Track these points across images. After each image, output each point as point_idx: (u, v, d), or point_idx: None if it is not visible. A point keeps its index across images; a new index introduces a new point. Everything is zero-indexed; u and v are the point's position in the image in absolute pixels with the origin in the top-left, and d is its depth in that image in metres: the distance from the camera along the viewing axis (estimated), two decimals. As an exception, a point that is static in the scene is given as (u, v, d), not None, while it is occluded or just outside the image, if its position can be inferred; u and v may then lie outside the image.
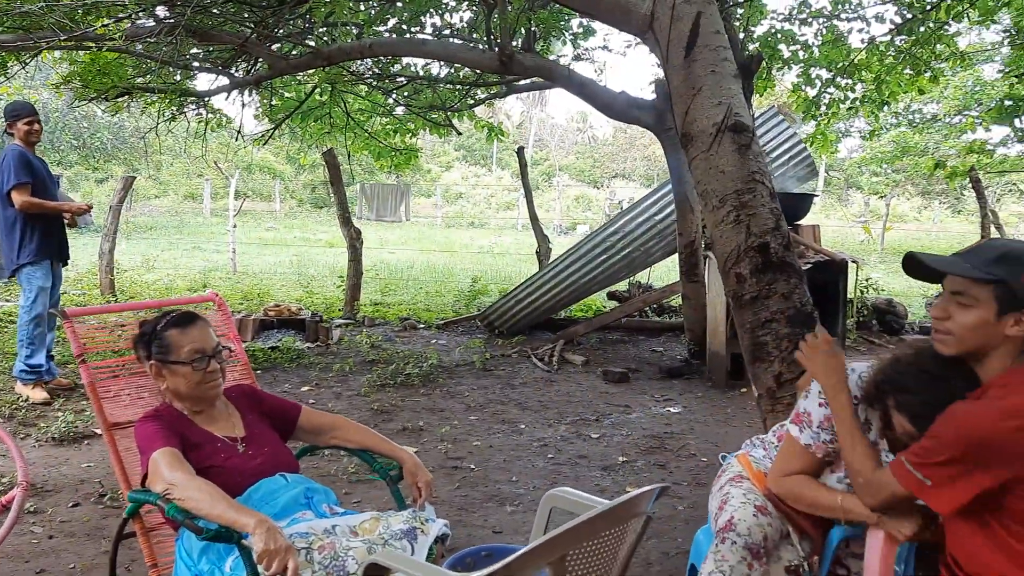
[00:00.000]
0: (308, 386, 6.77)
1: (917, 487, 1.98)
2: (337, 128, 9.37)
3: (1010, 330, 1.96)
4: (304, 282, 11.89)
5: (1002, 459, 1.87)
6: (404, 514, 2.54)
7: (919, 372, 2.10)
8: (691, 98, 3.48)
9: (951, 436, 1.92)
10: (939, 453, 1.93)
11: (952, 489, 1.93)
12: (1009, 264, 1.96)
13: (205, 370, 2.64)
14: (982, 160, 13.76)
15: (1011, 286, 1.94)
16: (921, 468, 1.96)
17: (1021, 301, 1.94)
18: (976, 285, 1.98)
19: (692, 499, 4.36)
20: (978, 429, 1.88)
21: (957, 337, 2.02)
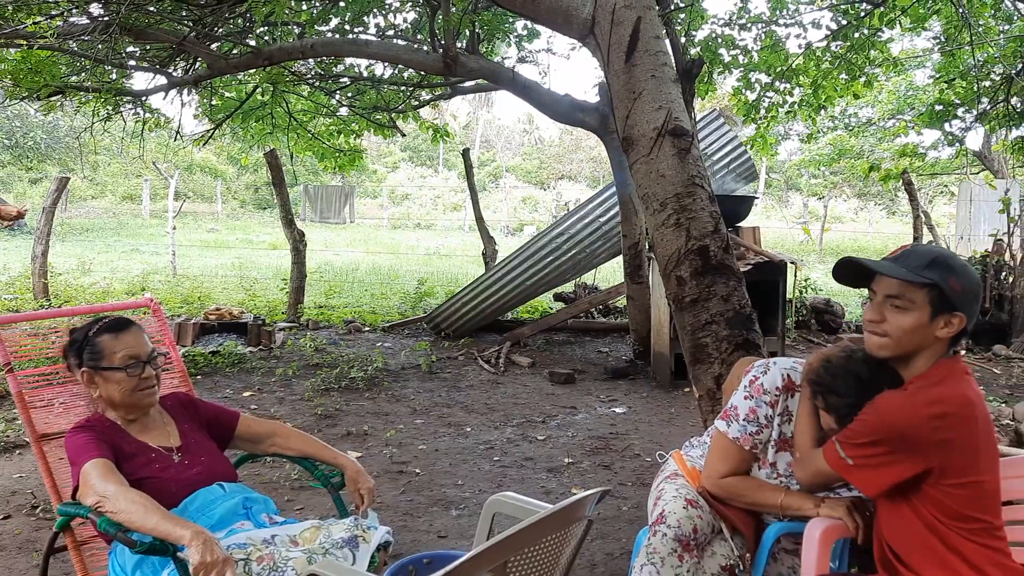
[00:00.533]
0: (250, 391, 6.66)
1: (840, 465, 2.08)
2: (279, 128, 9.23)
3: (940, 331, 2.06)
4: (246, 285, 11.71)
5: (921, 448, 1.96)
6: (346, 522, 2.51)
7: (848, 376, 2.17)
8: (632, 103, 3.51)
9: (874, 422, 2.01)
10: (862, 436, 2.03)
11: (874, 472, 2.03)
12: (940, 269, 2.04)
13: (139, 376, 2.58)
14: (914, 163, 14.16)
15: (943, 290, 2.02)
16: (845, 447, 2.06)
17: (951, 303, 2.03)
18: (912, 289, 2.05)
19: (636, 499, 4.40)
20: (899, 417, 1.98)
21: (894, 340, 2.08)
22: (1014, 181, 16.00)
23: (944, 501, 2.00)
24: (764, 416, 2.40)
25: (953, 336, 2.07)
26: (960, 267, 2.06)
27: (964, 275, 2.05)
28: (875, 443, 2.01)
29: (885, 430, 1.99)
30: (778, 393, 2.39)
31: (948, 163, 17.04)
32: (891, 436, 1.98)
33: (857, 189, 31.12)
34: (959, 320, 2.04)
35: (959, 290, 2.03)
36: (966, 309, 2.05)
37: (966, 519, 2.00)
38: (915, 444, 1.97)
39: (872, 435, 2.01)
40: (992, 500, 2.04)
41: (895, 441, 1.98)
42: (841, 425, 2.15)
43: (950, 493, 1.99)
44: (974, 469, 2.00)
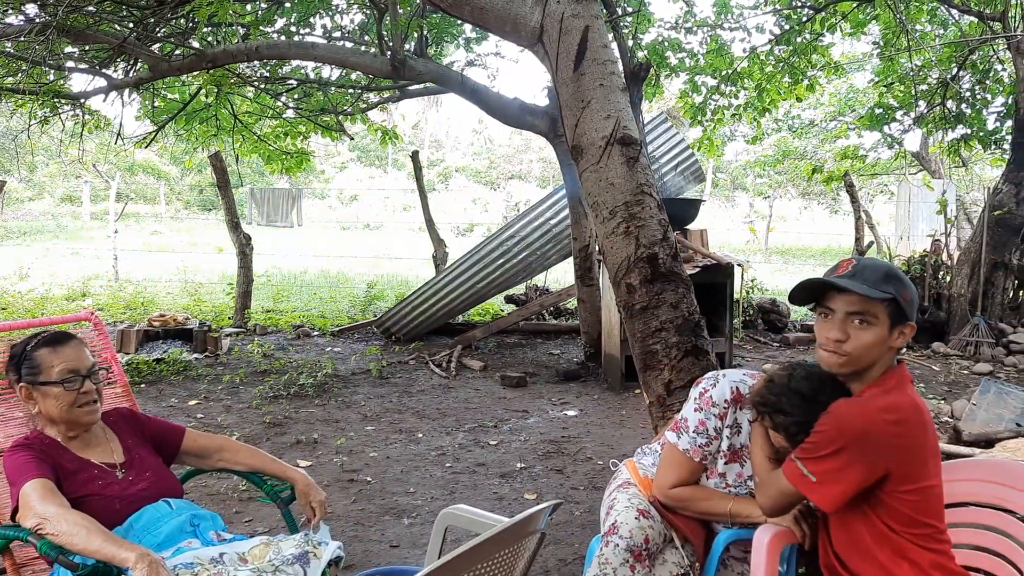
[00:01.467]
0: (196, 399, 6.54)
1: (803, 483, 2.06)
2: (224, 130, 9.09)
3: (895, 342, 2.12)
4: (191, 290, 11.50)
5: (879, 454, 1.99)
6: (296, 538, 2.48)
7: (792, 394, 2.20)
8: (580, 112, 3.52)
9: (833, 432, 2.02)
10: (823, 447, 2.03)
11: (836, 487, 2.02)
12: (894, 282, 2.11)
13: (78, 391, 2.51)
14: (856, 164, 14.50)
15: (899, 302, 2.09)
16: (807, 463, 2.05)
17: (905, 315, 2.10)
18: (875, 304, 2.09)
19: (589, 504, 4.42)
20: (857, 423, 2.00)
21: (855, 357, 2.11)
22: (950, 182, 16.48)
23: (897, 507, 2.03)
24: (713, 428, 2.43)
25: (901, 347, 2.15)
26: (906, 279, 2.16)
27: (909, 286, 2.15)
28: (836, 453, 2.01)
29: (845, 439, 2.00)
30: (727, 405, 2.42)
31: (887, 164, 17.48)
32: (851, 444, 2.00)
33: (801, 189, 31.72)
34: (910, 329, 2.11)
35: (909, 300, 2.11)
36: (914, 318, 2.14)
37: (917, 524, 2.04)
38: (874, 451, 1.99)
39: (832, 445, 2.02)
40: (938, 504, 2.09)
41: (855, 449, 1.99)
42: (792, 443, 2.18)
43: (903, 499, 2.03)
44: (925, 474, 2.04)
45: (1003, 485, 2.28)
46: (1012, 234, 8.30)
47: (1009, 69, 9.51)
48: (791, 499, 2.16)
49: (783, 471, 2.12)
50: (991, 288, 8.44)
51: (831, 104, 17.47)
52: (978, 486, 2.35)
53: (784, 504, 2.19)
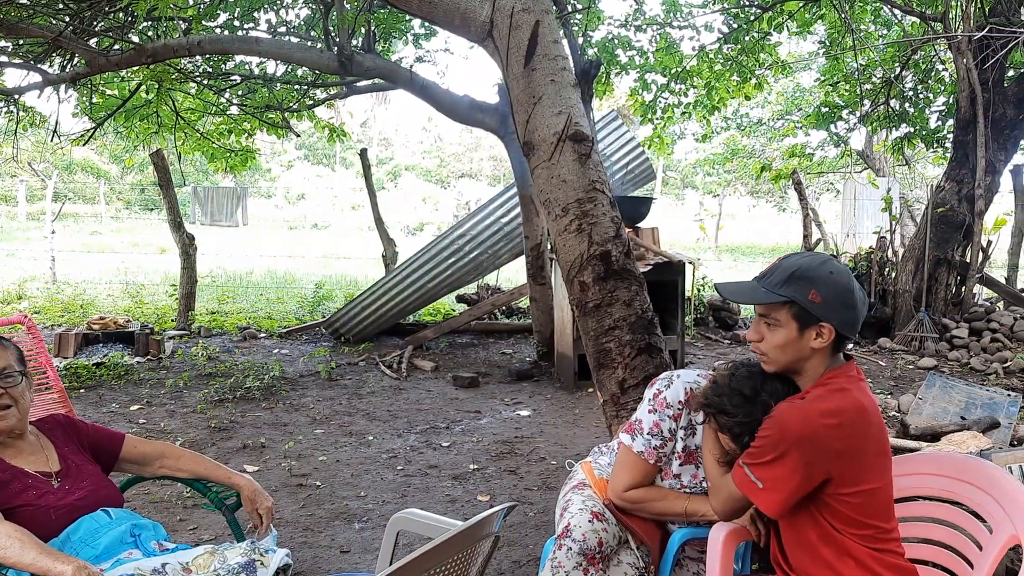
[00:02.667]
0: (138, 404, 6.35)
1: (750, 489, 2.05)
2: (166, 127, 8.85)
3: (815, 343, 2.08)
4: (133, 292, 11.20)
5: (819, 458, 1.98)
6: (242, 546, 2.39)
7: (733, 394, 2.18)
8: (532, 107, 3.48)
9: (776, 435, 2.00)
10: (767, 452, 2.01)
11: (779, 492, 2.01)
12: (798, 283, 2.06)
13: None
14: (803, 163, 14.74)
15: (802, 304, 2.05)
16: (754, 469, 2.04)
17: (815, 316, 2.05)
18: (775, 307, 2.09)
19: (543, 504, 4.38)
20: (798, 428, 1.98)
21: (772, 358, 2.13)
22: (894, 180, 16.85)
23: (839, 509, 2.03)
24: (668, 430, 2.40)
25: (833, 343, 2.09)
26: (823, 277, 2.06)
27: (827, 284, 2.06)
28: (780, 458, 1.99)
29: (787, 443, 1.98)
30: (681, 407, 2.40)
31: (834, 162, 17.81)
32: (793, 449, 1.98)
33: (750, 187, 32.20)
34: (828, 330, 2.06)
35: (820, 301, 2.05)
36: (833, 317, 2.05)
37: (859, 525, 2.04)
38: (814, 455, 1.98)
39: (776, 450, 2.00)
40: (884, 505, 2.08)
41: (796, 454, 1.97)
42: (738, 444, 2.16)
43: (845, 501, 2.02)
44: (867, 477, 2.03)
45: (952, 478, 2.30)
46: (954, 230, 8.48)
47: (950, 69, 9.74)
48: (741, 504, 2.15)
49: (732, 476, 2.11)
50: (935, 284, 8.62)
51: (778, 103, 17.76)
52: (928, 480, 2.36)
53: (735, 508, 2.18)
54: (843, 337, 2.09)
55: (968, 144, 8.27)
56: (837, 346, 2.11)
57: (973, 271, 8.68)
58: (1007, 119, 8.20)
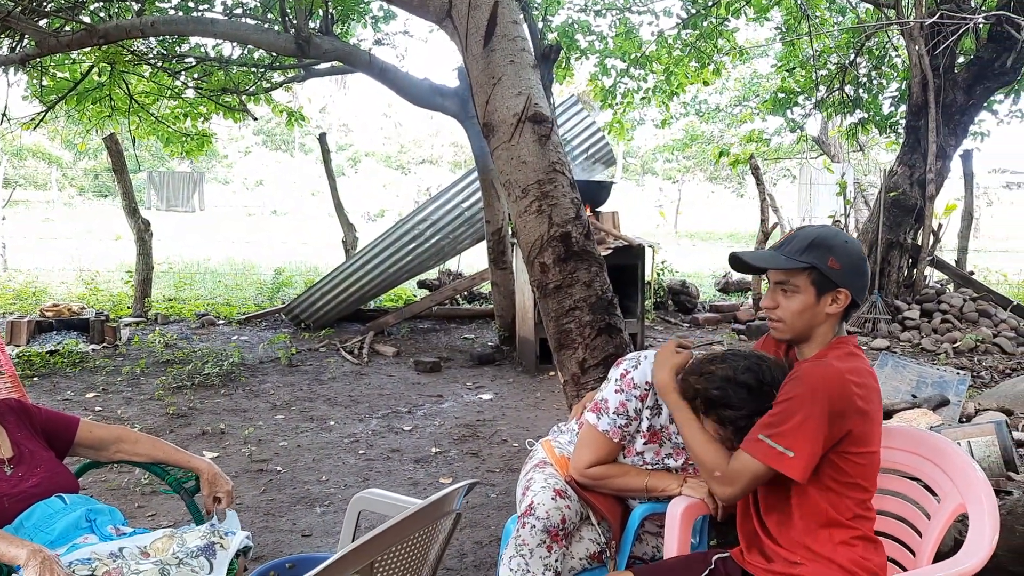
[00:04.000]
0: (94, 392, 6.25)
1: (778, 461, 1.99)
2: (119, 111, 8.67)
3: (829, 308, 2.13)
4: (87, 279, 10.97)
5: (845, 414, 1.99)
6: (201, 529, 2.38)
7: (739, 388, 2.17)
8: (491, 88, 3.47)
9: (805, 393, 1.99)
10: (793, 414, 1.98)
11: (809, 453, 1.97)
12: (817, 250, 2.12)
13: None
14: (760, 148, 14.90)
15: (822, 270, 2.11)
16: (780, 439, 1.99)
17: (833, 282, 2.11)
18: (794, 274, 2.14)
19: (504, 486, 4.40)
20: (830, 382, 1.99)
21: (788, 324, 2.16)
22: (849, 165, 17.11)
23: (845, 468, 2.03)
24: (634, 409, 2.42)
25: (843, 312, 2.15)
26: (840, 245, 2.14)
27: (844, 252, 2.13)
28: (808, 417, 1.97)
29: (817, 400, 1.97)
30: (648, 387, 2.41)
31: (790, 149, 18.04)
32: (822, 405, 1.97)
33: (708, 173, 32.47)
34: (844, 295, 2.12)
35: (839, 268, 2.11)
36: (850, 283, 2.12)
37: (858, 488, 2.05)
38: (841, 411, 1.98)
39: (802, 409, 1.97)
40: (875, 472, 2.11)
41: (823, 411, 1.97)
42: (740, 437, 2.14)
43: (852, 461, 2.03)
44: (874, 440, 2.07)
45: (903, 451, 2.35)
46: (906, 214, 8.64)
47: (903, 55, 9.90)
48: (762, 481, 2.07)
49: (750, 454, 2.04)
50: (887, 267, 8.79)
51: (736, 89, 17.92)
52: (893, 453, 2.40)
53: (753, 487, 2.10)
54: (853, 304, 2.15)
55: (920, 129, 8.43)
56: (846, 314, 2.16)
57: (924, 254, 8.86)
58: (957, 105, 8.36)
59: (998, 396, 5.69)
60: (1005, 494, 3.82)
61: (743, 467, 2.06)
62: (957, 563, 1.93)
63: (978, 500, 2.03)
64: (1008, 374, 6.78)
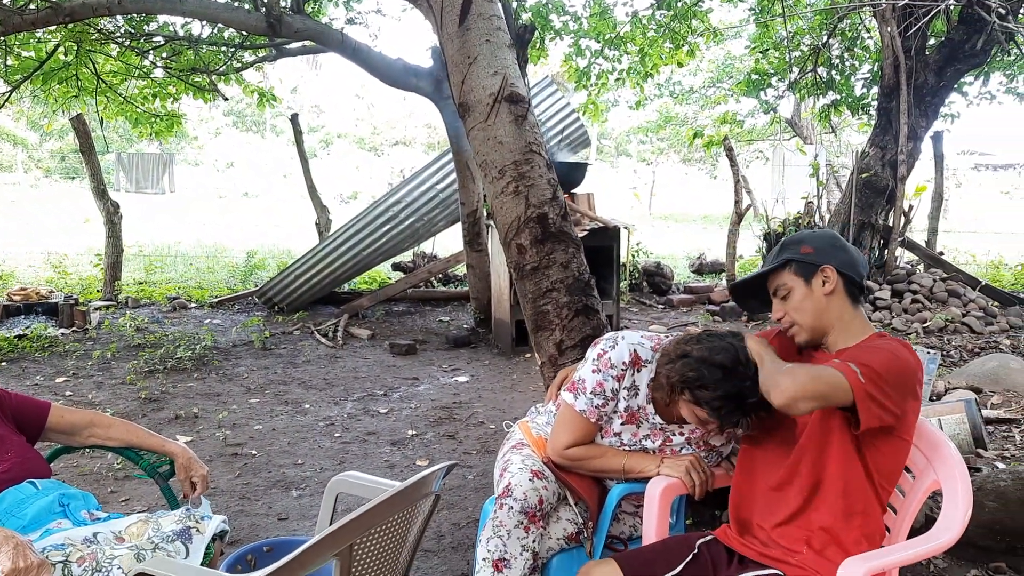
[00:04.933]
0: (64, 376, 6.16)
1: (856, 383, 1.90)
2: (86, 91, 8.50)
3: (824, 289, 2.15)
4: (55, 262, 10.81)
5: (908, 393, 1.99)
6: (177, 513, 2.35)
7: (712, 368, 2.18)
8: (467, 67, 3.44)
9: (888, 359, 1.97)
10: (878, 367, 1.94)
11: (877, 399, 1.92)
12: (788, 247, 2.22)
13: None
14: (733, 130, 14.95)
15: (797, 259, 2.17)
16: (861, 368, 1.93)
17: (813, 264, 2.16)
18: (778, 276, 2.21)
19: (481, 467, 4.41)
20: (904, 359, 2.00)
21: (799, 322, 2.18)
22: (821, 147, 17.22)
23: (886, 452, 2.02)
24: (611, 390, 2.42)
25: (845, 287, 2.15)
26: (808, 235, 2.23)
27: (813, 238, 2.21)
28: (884, 378, 1.94)
29: (898, 368, 1.97)
30: (625, 367, 2.41)
31: (763, 130, 18.13)
32: (900, 375, 1.97)
33: (682, 155, 32.57)
34: (830, 270, 2.14)
35: (812, 251, 2.17)
36: (829, 258, 2.15)
37: (894, 476, 2.06)
38: (907, 388, 1.99)
39: (885, 369, 1.95)
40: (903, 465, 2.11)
41: (899, 381, 1.97)
42: (716, 417, 2.17)
43: (897, 444, 2.02)
44: (914, 427, 2.07)
45: None
46: (878, 195, 8.72)
47: (875, 37, 9.95)
48: (826, 398, 1.91)
49: (838, 366, 1.94)
50: (859, 247, 8.87)
51: (710, 71, 17.95)
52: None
53: (817, 394, 1.90)
54: (851, 281, 2.15)
55: (891, 111, 8.49)
56: (851, 292, 2.16)
57: (895, 235, 8.95)
58: (928, 86, 8.42)
59: (967, 375, 5.79)
60: (975, 471, 3.89)
61: (823, 370, 1.94)
62: (932, 538, 1.95)
63: (952, 476, 2.05)
64: (977, 353, 6.89)
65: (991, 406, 5.20)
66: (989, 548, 3.24)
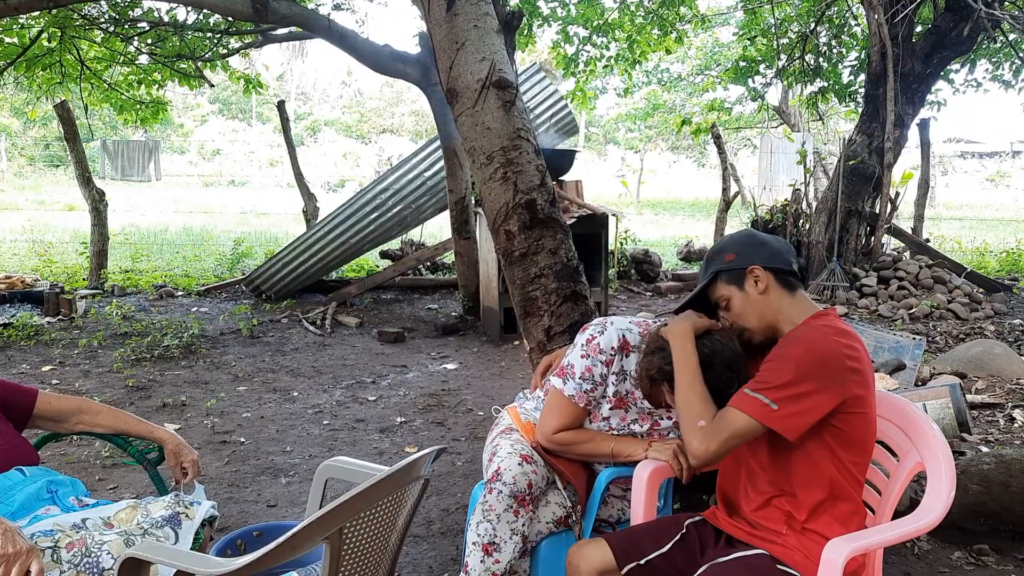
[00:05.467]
0: (50, 365, 6.13)
1: (764, 414, 1.97)
2: (70, 78, 8.43)
3: (758, 288, 2.16)
4: (40, 250, 10.73)
5: (838, 378, 1.98)
6: (166, 499, 2.35)
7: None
8: (455, 53, 3.43)
9: (798, 355, 1.99)
10: (783, 374, 1.98)
11: (799, 412, 1.96)
12: (712, 260, 2.26)
13: None
14: (721, 117, 14.96)
15: (723, 269, 2.21)
16: (769, 393, 1.98)
17: (739, 268, 2.18)
18: (714, 290, 2.24)
19: (470, 454, 4.42)
20: (819, 347, 2.00)
21: (748, 326, 2.20)
22: (809, 134, 17.26)
23: (846, 430, 2.02)
24: (599, 375, 2.43)
25: (777, 279, 2.16)
26: (727, 242, 2.27)
27: (733, 243, 2.24)
28: (799, 379, 1.96)
29: (808, 362, 1.98)
30: (614, 352, 2.42)
31: (751, 118, 18.14)
32: (814, 368, 1.97)
33: (670, 143, 32.57)
34: (758, 270, 2.16)
35: (735, 256, 2.20)
36: (752, 259, 2.17)
37: (861, 450, 2.05)
38: (834, 374, 1.98)
39: (796, 371, 1.97)
40: (873, 436, 2.10)
41: (818, 373, 1.97)
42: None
43: (851, 420, 2.02)
44: (871, 403, 2.06)
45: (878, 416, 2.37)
46: (865, 182, 8.76)
47: (862, 24, 9.98)
48: (745, 437, 2.02)
49: (738, 408, 2.01)
50: (846, 234, 8.91)
51: (698, 58, 17.94)
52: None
53: (734, 445, 2.04)
54: (780, 272, 2.16)
55: (878, 98, 8.52)
56: (784, 283, 2.17)
57: (882, 222, 9.00)
58: (915, 73, 8.46)
59: (952, 360, 5.84)
60: (959, 454, 3.93)
61: (728, 420, 2.02)
62: (916, 518, 1.97)
63: (936, 458, 2.07)
64: (962, 339, 6.95)
65: (975, 391, 5.25)
66: (972, 530, 3.29)
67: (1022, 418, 4.75)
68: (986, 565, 3.17)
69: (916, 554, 3.24)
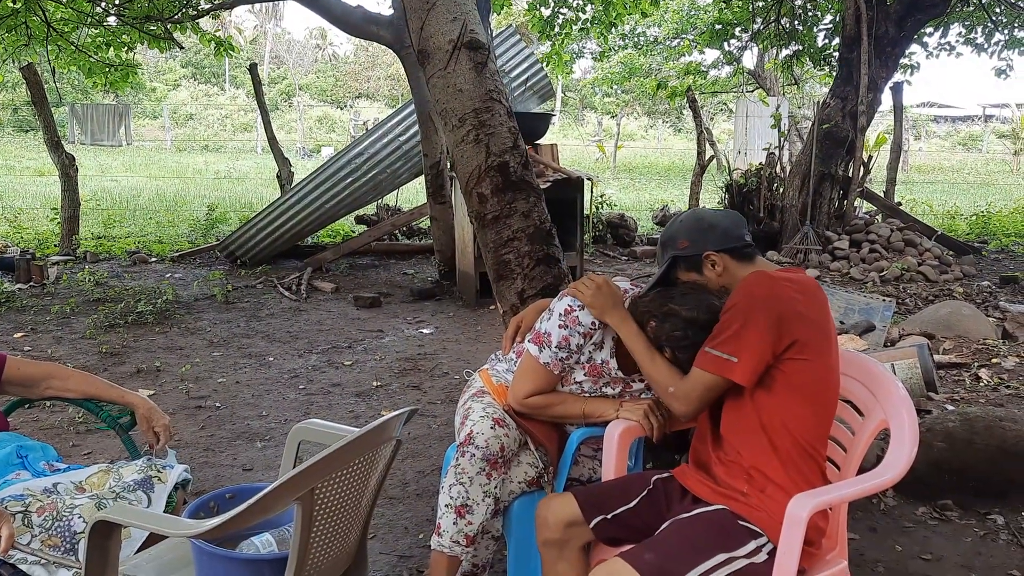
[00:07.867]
0: (22, 332, 6.07)
1: (725, 368, 2.04)
2: (37, 40, 8.24)
3: (716, 271, 2.24)
4: (10, 216, 10.57)
5: (786, 319, 2.01)
6: (138, 463, 2.35)
7: (698, 330, 2.18)
8: (426, 13, 3.39)
9: (743, 301, 2.05)
10: (733, 323, 2.04)
11: (751, 357, 2.01)
12: (666, 246, 2.33)
13: None
14: (697, 81, 14.93)
15: (681, 256, 2.28)
16: (723, 347, 2.05)
17: (694, 256, 2.25)
18: (676, 272, 2.31)
19: (446, 417, 4.45)
20: (765, 288, 2.06)
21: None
22: (784, 99, 17.27)
23: (799, 377, 2.04)
24: (576, 345, 2.43)
25: (733, 257, 2.22)
26: (678, 228, 2.30)
27: (683, 230, 2.29)
28: (748, 323, 2.01)
29: (756, 305, 2.03)
30: (595, 328, 2.42)
31: (727, 82, 18.10)
32: (761, 309, 2.01)
33: (647, 107, 32.47)
34: (712, 255, 2.22)
35: (689, 243, 2.25)
36: (706, 245, 2.23)
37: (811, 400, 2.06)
38: (781, 315, 2.01)
39: (743, 316, 2.02)
40: (832, 388, 2.11)
41: (763, 315, 2.01)
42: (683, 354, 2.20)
43: (805, 366, 2.03)
44: (828, 350, 2.08)
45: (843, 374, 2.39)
46: (838, 146, 8.80)
47: (837, -13, 9.94)
48: (716, 392, 2.11)
49: (699, 366, 2.09)
50: (819, 198, 8.97)
51: (674, 21, 17.82)
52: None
53: (708, 400, 2.14)
54: (733, 250, 2.21)
55: (853, 62, 8.53)
56: (739, 256, 2.23)
57: (855, 186, 9.06)
58: (889, 37, 8.47)
59: (921, 321, 5.93)
60: (925, 413, 4.01)
61: (694, 380, 2.12)
62: (879, 474, 2.01)
63: (899, 415, 2.11)
64: (931, 300, 7.05)
65: (943, 351, 5.34)
66: (937, 486, 3.36)
67: (988, 377, 4.85)
68: (950, 520, 3.25)
69: (882, 510, 3.32)
